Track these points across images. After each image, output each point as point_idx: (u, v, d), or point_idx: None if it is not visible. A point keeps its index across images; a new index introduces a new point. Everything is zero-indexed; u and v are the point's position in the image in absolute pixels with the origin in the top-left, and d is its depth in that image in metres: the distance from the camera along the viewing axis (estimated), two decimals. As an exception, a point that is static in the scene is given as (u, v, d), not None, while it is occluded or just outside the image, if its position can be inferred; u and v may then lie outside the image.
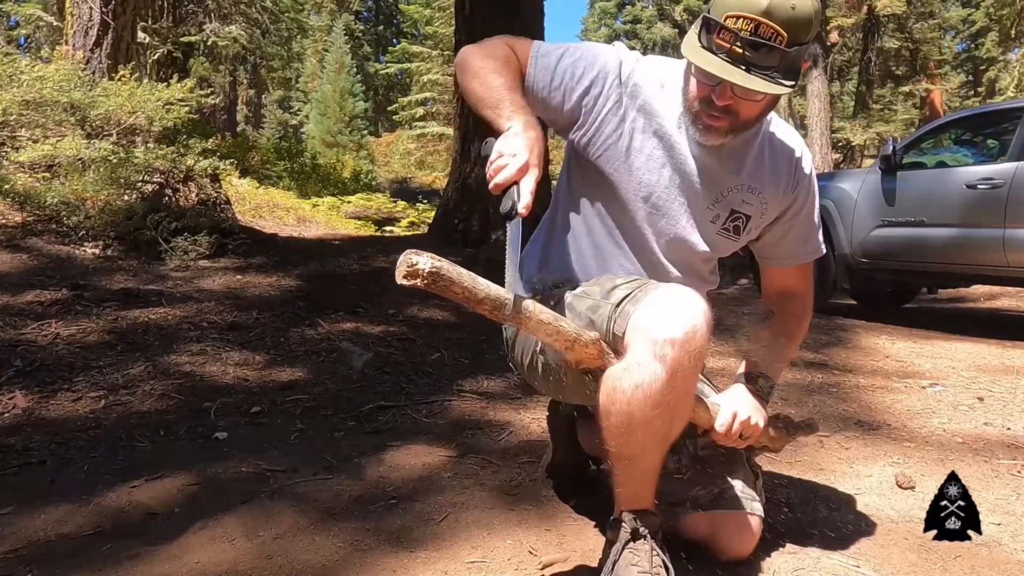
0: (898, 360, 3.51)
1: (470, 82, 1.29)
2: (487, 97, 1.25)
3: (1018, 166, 4.08)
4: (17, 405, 2.26)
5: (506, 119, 1.19)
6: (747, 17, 1.17)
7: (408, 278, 1.00)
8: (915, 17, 19.91)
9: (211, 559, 1.41)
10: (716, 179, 1.39)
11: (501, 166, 1.12)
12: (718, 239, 1.45)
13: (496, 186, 1.12)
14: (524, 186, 1.11)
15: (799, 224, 1.49)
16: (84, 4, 6.01)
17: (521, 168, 1.11)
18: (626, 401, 1.18)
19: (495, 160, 1.13)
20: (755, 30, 1.17)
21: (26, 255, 4.00)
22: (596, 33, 41.70)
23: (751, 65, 1.19)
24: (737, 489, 1.44)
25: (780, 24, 1.17)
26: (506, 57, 1.31)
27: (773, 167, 1.43)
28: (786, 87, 1.21)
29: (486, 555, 1.45)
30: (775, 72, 1.20)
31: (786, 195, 1.46)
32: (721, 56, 1.20)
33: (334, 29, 31.12)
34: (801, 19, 1.18)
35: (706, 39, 1.22)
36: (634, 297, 1.24)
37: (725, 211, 1.42)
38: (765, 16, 1.16)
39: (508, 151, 1.13)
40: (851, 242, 4.94)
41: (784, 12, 1.16)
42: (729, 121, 1.29)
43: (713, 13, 1.21)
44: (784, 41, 1.18)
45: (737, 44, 1.18)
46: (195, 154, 5.32)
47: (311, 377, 2.71)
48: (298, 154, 15.83)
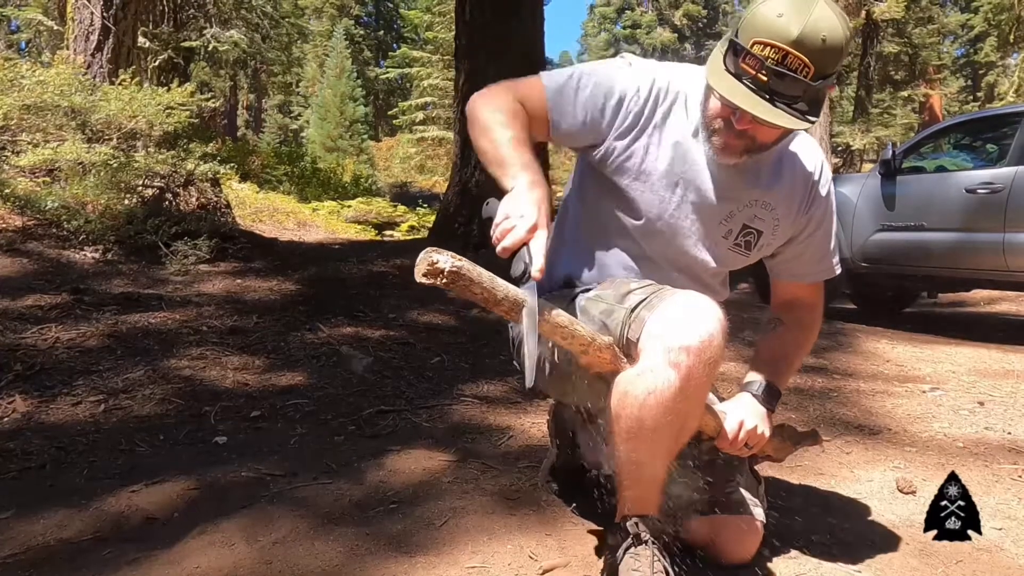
0: (898, 364, 3.50)
1: (479, 139, 1.28)
2: (494, 155, 1.23)
3: (1017, 170, 4.09)
4: (17, 409, 2.26)
5: (511, 177, 1.17)
6: (775, 46, 1.14)
7: (428, 276, 1.00)
8: (914, 22, 19.97)
9: (210, 564, 1.41)
10: (729, 194, 1.37)
11: (508, 228, 1.09)
12: (729, 255, 1.43)
13: (504, 250, 1.09)
14: (535, 248, 1.08)
15: (815, 245, 1.48)
16: (85, 9, 6.03)
17: (530, 229, 1.08)
18: (638, 406, 1.18)
19: (501, 222, 1.10)
20: (782, 60, 1.14)
21: (26, 259, 4.00)
22: (596, 38, 41.79)
23: (775, 94, 1.17)
24: (740, 494, 1.43)
25: (808, 56, 1.14)
26: (514, 111, 1.28)
27: (789, 185, 1.41)
28: (809, 121, 1.19)
29: (486, 560, 1.45)
30: (799, 101, 1.18)
31: (800, 214, 1.44)
32: (745, 82, 1.18)
33: (334, 34, 31.19)
34: (831, 51, 1.15)
35: (731, 63, 1.19)
36: (649, 303, 1.23)
37: (737, 226, 1.40)
38: (794, 46, 1.14)
39: (515, 212, 1.10)
40: (851, 246, 4.95)
41: (814, 43, 1.14)
42: (746, 143, 1.28)
43: (740, 37, 1.18)
44: (811, 73, 1.15)
45: (762, 72, 1.16)
46: (195, 158, 5.32)
47: (311, 381, 2.70)
48: (298, 158, 15.86)
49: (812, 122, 1.19)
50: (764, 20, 1.15)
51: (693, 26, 42.46)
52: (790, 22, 1.13)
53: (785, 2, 1.15)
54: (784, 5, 1.15)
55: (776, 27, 1.14)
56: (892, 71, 21.35)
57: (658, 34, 40.52)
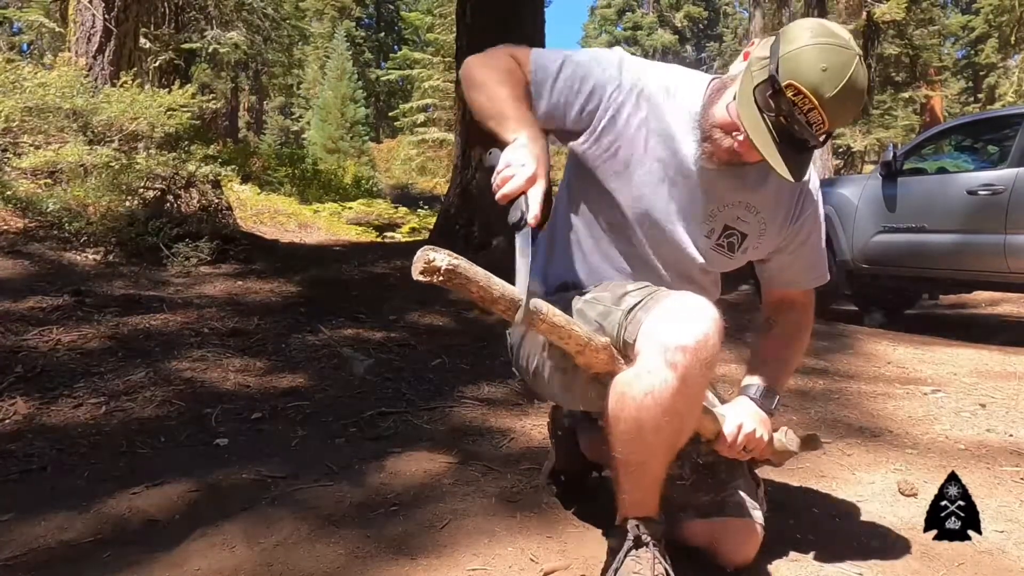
0: (900, 366, 3.50)
1: (475, 95, 1.28)
2: (492, 110, 1.24)
3: (1019, 172, 4.09)
4: (18, 411, 2.26)
5: (511, 131, 1.18)
6: (808, 98, 1.15)
7: (425, 274, 1.00)
8: (915, 24, 19.94)
9: (211, 566, 1.41)
10: (713, 193, 1.38)
11: (508, 176, 1.11)
12: (712, 255, 1.43)
13: (503, 196, 1.11)
14: (532, 196, 1.10)
15: (805, 253, 1.49)
16: (87, 11, 6.04)
17: (529, 179, 1.10)
18: (636, 407, 1.18)
19: (502, 170, 1.12)
20: (808, 111, 1.16)
21: (28, 261, 4.00)
22: (597, 39, 41.82)
23: (788, 139, 1.19)
24: (739, 497, 1.43)
25: (830, 115, 1.16)
26: (509, 68, 1.30)
27: (775, 191, 1.41)
28: (799, 176, 1.23)
29: (487, 563, 1.45)
30: (805, 151, 1.22)
31: (788, 222, 1.44)
32: (767, 116, 1.19)
33: (335, 36, 31.20)
34: (849, 114, 1.20)
35: (761, 95, 1.19)
36: (645, 304, 1.24)
37: (719, 226, 1.41)
38: (824, 104, 1.15)
39: (515, 162, 1.12)
40: (852, 248, 4.95)
41: (842, 106, 1.16)
42: (732, 157, 1.30)
43: (781, 72, 1.17)
44: (824, 131, 1.18)
45: (786, 117, 1.17)
46: (197, 160, 5.33)
47: (312, 383, 2.70)
48: (299, 160, 15.88)
49: (798, 179, 1.23)
50: (807, 67, 1.15)
51: (694, 28, 42.49)
52: (829, 79, 1.14)
53: (830, 55, 1.15)
54: (829, 58, 1.15)
55: (816, 80, 1.14)
56: (893, 73, 21.34)
57: (659, 36, 40.53)
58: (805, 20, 1.25)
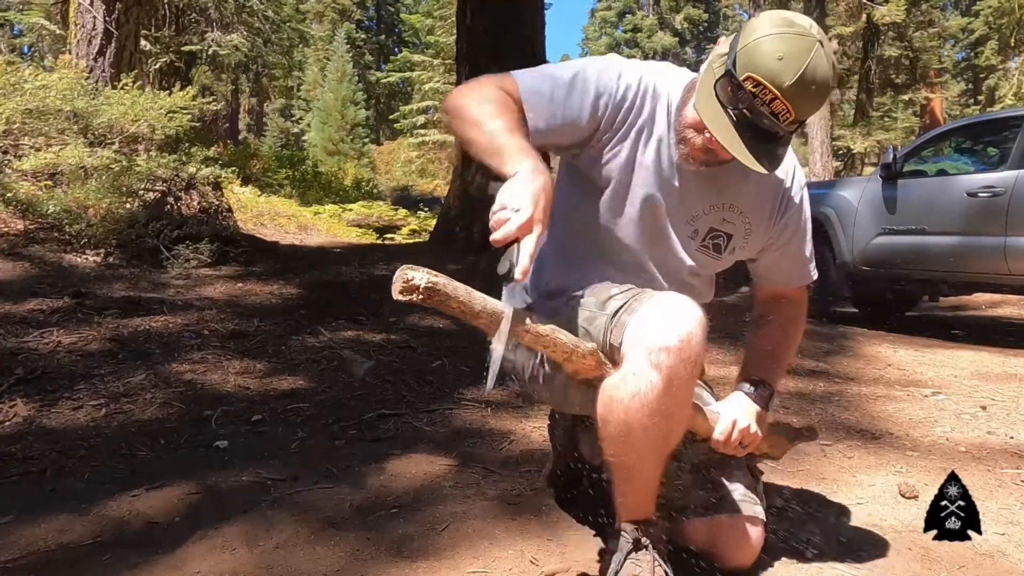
0: (900, 368, 3.50)
1: (469, 131, 1.20)
2: (490, 146, 1.17)
3: (1019, 174, 4.08)
4: (18, 413, 2.26)
5: (511, 165, 1.11)
6: (767, 88, 1.14)
7: (404, 293, 1.00)
8: (914, 26, 19.97)
9: (211, 569, 1.41)
10: (695, 196, 1.37)
11: (502, 220, 1.05)
12: (699, 256, 1.43)
13: (494, 242, 1.06)
14: (524, 247, 1.04)
15: (791, 252, 1.49)
16: (88, 14, 6.04)
17: (523, 226, 1.04)
18: (623, 410, 1.18)
19: (497, 212, 1.06)
20: (769, 102, 1.15)
21: (28, 263, 4.00)
22: (597, 42, 41.87)
23: (754, 131, 1.18)
24: (738, 494, 1.43)
25: (793, 103, 1.14)
26: (501, 99, 1.24)
27: (757, 189, 1.41)
28: (772, 167, 1.21)
29: (487, 565, 1.44)
30: (775, 142, 1.20)
31: (772, 221, 1.44)
32: (729, 112, 1.18)
33: (336, 38, 31.25)
34: (815, 102, 1.17)
35: (721, 90, 1.19)
36: (629, 307, 1.24)
37: (704, 228, 1.40)
38: (785, 93, 1.13)
39: (511, 204, 1.05)
40: (852, 250, 4.94)
41: (805, 93, 1.14)
42: (708, 157, 1.29)
43: (737, 67, 1.16)
44: (791, 120, 1.17)
45: (747, 109, 1.16)
46: (197, 162, 5.34)
47: (312, 385, 2.70)
48: (300, 162, 15.89)
49: (771, 170, 1.22)
50: (763, 58, 1.14)
51: (694, 30, 42.52)
52: (787, 68, 1.13)
53: (787, 44, 1.14)
54: (785, 47, 1.14)
55: (773, 69, 1.13)
56: (893, 75, 21.36)
57: (659, 38, 40.56)
58: (766, 12, 1.24)
